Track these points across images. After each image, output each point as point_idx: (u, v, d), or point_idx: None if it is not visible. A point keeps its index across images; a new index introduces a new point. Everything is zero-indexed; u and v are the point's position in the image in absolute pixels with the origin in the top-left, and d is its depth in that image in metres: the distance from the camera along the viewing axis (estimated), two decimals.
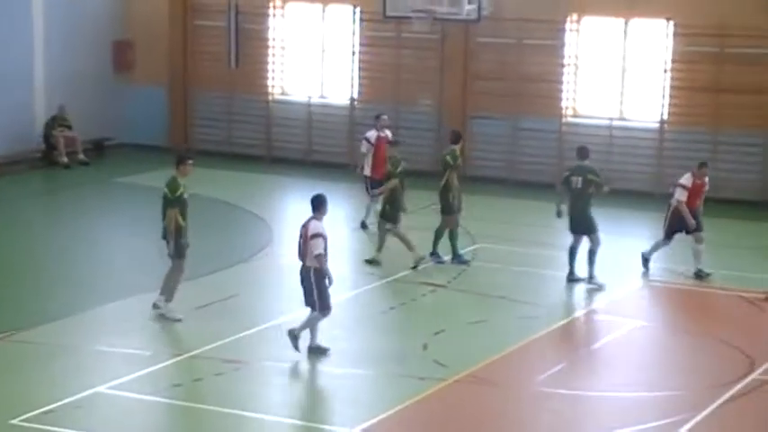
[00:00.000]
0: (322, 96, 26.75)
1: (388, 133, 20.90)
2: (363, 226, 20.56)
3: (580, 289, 17.70)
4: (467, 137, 25.30)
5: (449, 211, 18.74)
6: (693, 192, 18.28)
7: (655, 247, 18.50)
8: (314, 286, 14.34)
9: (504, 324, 15.92)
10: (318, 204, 14.42)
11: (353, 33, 26.11)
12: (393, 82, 25.83)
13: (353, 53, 26.17)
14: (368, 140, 20.72)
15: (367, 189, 20.50)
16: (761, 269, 18.76)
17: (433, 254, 18.68)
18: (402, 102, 25.68)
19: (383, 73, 25.95)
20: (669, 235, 18.38)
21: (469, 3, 23.26)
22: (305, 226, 14.40)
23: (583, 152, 18.09)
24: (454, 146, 19.20)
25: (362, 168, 20.64)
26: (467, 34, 25.02)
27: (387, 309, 16.58)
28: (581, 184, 17.65)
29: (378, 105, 25.82)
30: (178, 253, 15.67)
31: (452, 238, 18.76)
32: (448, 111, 25.33)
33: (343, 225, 20.66)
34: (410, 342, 15.15)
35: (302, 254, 14.41)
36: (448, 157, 18.93)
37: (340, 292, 16.65)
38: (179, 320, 15.60)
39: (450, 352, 14.75)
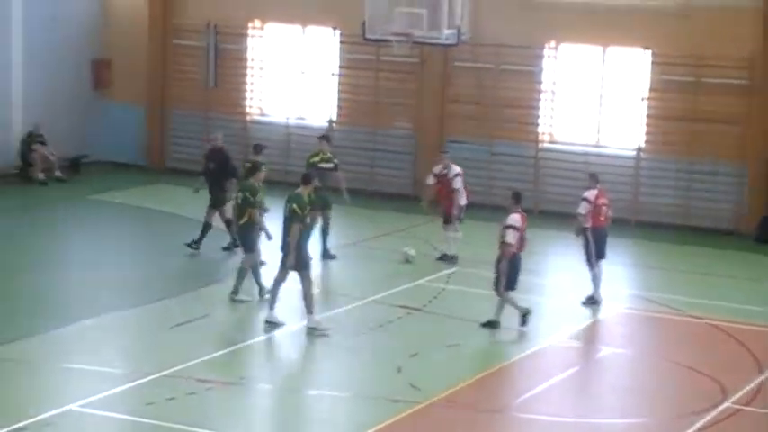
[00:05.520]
0: (300, 117, 26.78)
1: None
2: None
3: (554, 315, 17.73)
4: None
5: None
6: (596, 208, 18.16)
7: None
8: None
9: (479, 348, 15.92)
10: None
11: (333, 55, 26.17)
12: (371, 104, 25.89)
13: (333, 75, 26.22)
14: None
15: None
16: (732, 299, 18.84)
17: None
18: (380, 124, 25.72)
19: (361, 95, 26.01)
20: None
21: (449, 27, 23.33)
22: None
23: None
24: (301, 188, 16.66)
25: None
26: (445, 58, 25.11)
27: (362, 331, 16.56)
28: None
29: (356, 127, 25.93)
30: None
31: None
32: (425, 134, 25.39)
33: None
34: (385, 364, 15.13)
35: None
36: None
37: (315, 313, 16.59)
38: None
39: (425, 375, 14.74)
